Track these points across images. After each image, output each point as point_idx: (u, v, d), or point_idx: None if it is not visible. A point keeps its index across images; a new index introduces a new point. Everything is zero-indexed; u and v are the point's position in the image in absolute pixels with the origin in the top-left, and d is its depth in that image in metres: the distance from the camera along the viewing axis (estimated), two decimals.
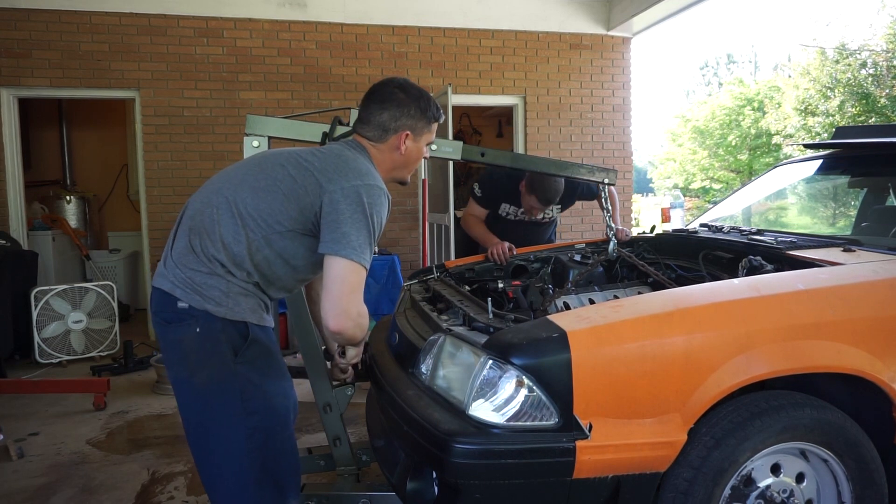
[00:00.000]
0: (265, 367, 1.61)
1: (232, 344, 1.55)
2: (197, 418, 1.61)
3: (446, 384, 1.75)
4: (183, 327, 1.54)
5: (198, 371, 1.56)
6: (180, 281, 1.55)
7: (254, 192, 1.58)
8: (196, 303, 1.53)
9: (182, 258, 1.57)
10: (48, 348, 4.72)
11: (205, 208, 1.60)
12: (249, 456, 1.58)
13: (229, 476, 1.60)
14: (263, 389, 1.59)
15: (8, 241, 4.95)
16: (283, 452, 1.66)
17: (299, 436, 3.26)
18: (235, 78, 5.61)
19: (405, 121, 1.71)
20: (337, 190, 1.55)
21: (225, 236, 1.55)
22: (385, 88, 1.74)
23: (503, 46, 6.19)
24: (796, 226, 11.56)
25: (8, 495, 2.68)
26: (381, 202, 1.59)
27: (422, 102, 1.74)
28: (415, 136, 1.75)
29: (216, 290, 1.54)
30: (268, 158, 1.68)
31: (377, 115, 1.71)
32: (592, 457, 1.52)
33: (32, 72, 5.26)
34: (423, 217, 5.56)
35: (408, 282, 2.75)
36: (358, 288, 1.54)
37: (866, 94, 13.37)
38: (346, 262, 1.52)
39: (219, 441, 1.58)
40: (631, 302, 1.85)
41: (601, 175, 2.55)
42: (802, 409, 1.68)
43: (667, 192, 23.70)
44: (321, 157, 1.64)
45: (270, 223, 1.56)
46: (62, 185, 7.15)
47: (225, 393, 1.56)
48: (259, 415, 1.58)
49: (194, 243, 1.57)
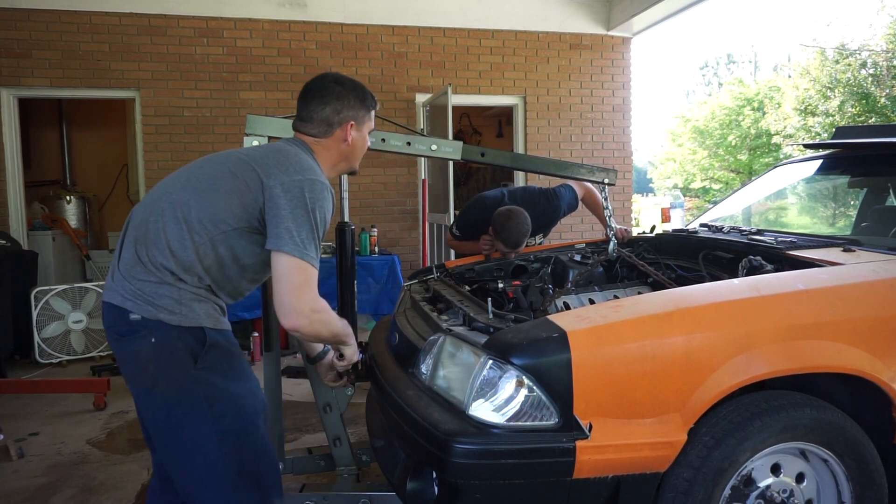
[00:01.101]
0: (227, 370, 1.58)
1: (190, 351, 1.52)
2: (165, 429, 1.57)
3: (446, 384, 1.75)
4: (137, 339, 1.51)
5: (158, 381, 1.53)
6: (130, 293, 1.52)
7: (196, 194, 1.56)
8: (148, 313, 1.50)
9: (130, 270, 1.54)
10: (48, 348, 4.72)
11: (149, 217, 1.57)
12: (224, 461, 1.55)
13: (207, 484, 1.57)
14: (229, 392, 1.56)
15: (8, 241, 4.95)
16: (258, 453, 1.62)
17: (299, 436, 3.26)
18: (235, 78, 5.61)
19: (347, 112, 1.73)
20: (277, 185, 1.54)
21: (171, 243, 1.53)
22: (322, 83, 1.75)
23: (503, 46, 6.19)
24: (796, 226, 11.56)
25: (8, 495, 2.68)
26: (323, 197, 1.58)
27: (359, 92, 1.77)
28: (358, 125, 1.77)
29: (168, 298, 1.51)
30: (210, 160, 1.67)
31: (319, 110, 1.72)
32: (592, 457, 1.52)
33: (32, 72, 5.26)
34: (423, 217, 5.56)
35: (408, 282, 2.75)
36: (304, 284, 1.53)
37: (866, 94, 13.37)
38: (289, 259, 1.51)
39: (190, 450, 1.55)
40: (631, 302, 1.86)
41: (601, 175, 2.55)
42: (802, 409, 1.68)
43: (667, 192, 23.71)
44: (262, 152, 1.65)
45: (216, 223, 1.54)
46: (62, 185, 7.15)
47: (189, 400, 1.53)
48: (228, 418, 1.55)
49: (141, 253, 1.54)
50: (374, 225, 5.62)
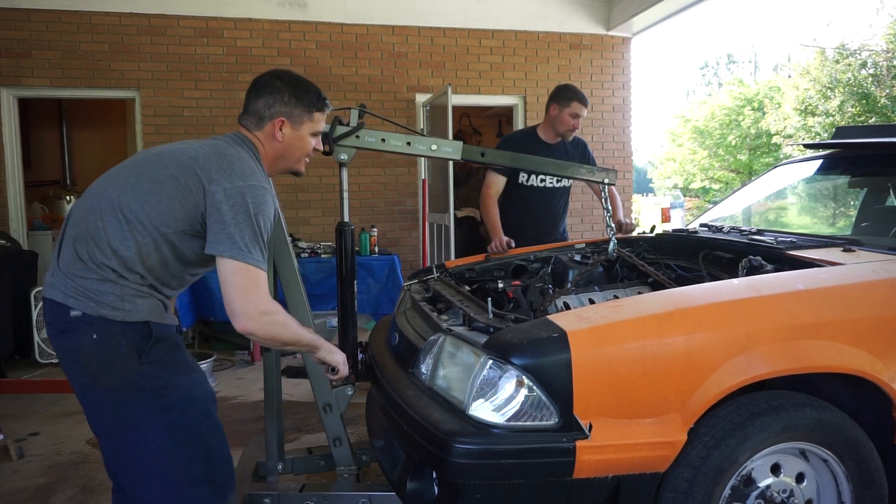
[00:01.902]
0: (172, 363, 1.58)
1: (135, 346, 1.51)
2: (110, 425, 1.56)
3: (446, 384, 1.75)
4: (78, 335, 1.50)
5: (101, 377, 1.52)
6: (71, 290, 1.51)
7: (137, 195, 1.54)
8: (90, 309, 1.49)
9: (70, 267, 1.53)
10: (48, 348, 4.72)
11: (88, 215, 1.55)
12: (176, 453, 1.54)
13: (159, 477, 1.54)
14: (176, 384, 1.56)
15: (8, 241, 4.94)
16: (210, 446, 1.60)
17: (299, 436, 3.26)
18: (235, 78, 5.61)
19: (279, 107, 1.69)
20: (219, 191, 1.53)
21: (112, 242, 1.51)
22: (263, 78, 1.73)
23: (503, 46, 6.19)
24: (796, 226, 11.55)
25: (8, 495, 2.68)
26: (264, 201, 1.57)
27: (298, 89, 1.71)
28: (292, 123, 1.72)
29: (111, 295, 1.50)
30: (150, 158, 1.63)
31: (254, 103, 1.71)
32: (592, 457, 1.52)
33: (32, 72, 5.26)
34: (423, 217, 5.56)
35: (408, 282, 2.75)
36: (250, 287, 1.51)
37: (866, 94, 13.37)
38: (233, 263, 1.50)
39: (140, 444, 1.53)
40: (631, 302, 1.86)
41: (601, 175, 2.55)
42: (802, 409, 1.68)
43: (667, 192, 23.71)
44: (204, 154, 1.60)
45: (157, 226, 1.53)
46: (62, 185, 7.16)
47: (136, 393, 1.51)
48: (177, 409, 1.54)
49: (80, 251, 1.53)
50: (374, 225, 5.62)
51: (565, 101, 3.38)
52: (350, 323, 2.17)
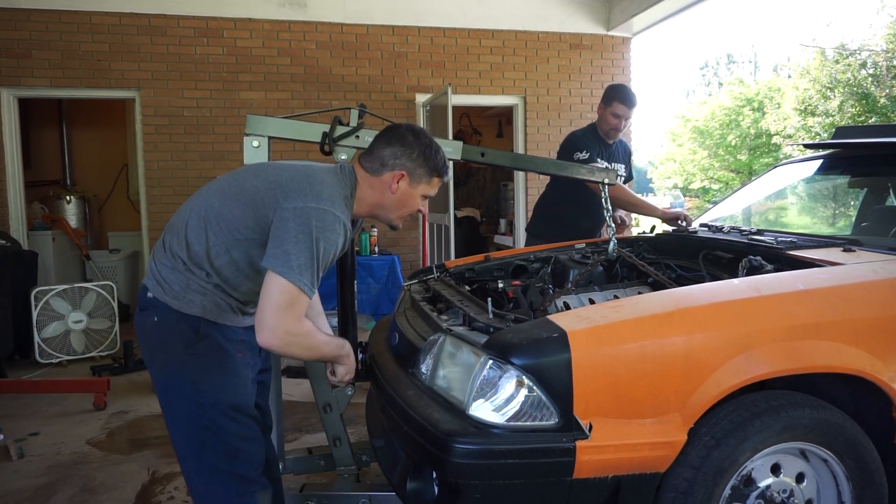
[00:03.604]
0: (213, 363, 1.65)
1: (183, 336, 1.62)
2: (161, 398, 1.70)
3: (446, 384, 1.75)
4: (146, 315, 1.66)
5: (155, 357, 1.66)
6: (153, 274, 1.67)
7: (222, 198, 1.65)
8: (159, 294, 1.63)
9: (157, 254, 1.69)
10: (48, 348, 4.72)
11: (182, 211, 1.70)
12: (200, 440, 1.64)
13: (192, 460, 1.68)
14: (210, 382, 1.64)
15: (8, 241, 4.95)
16: (234, 444, 1.67)
17: (299, 436, 3.26)
18: (235, 78, 5.61)
19: (404, 161, 1.72)
20: (289, 208, 1.56)
21: (189, 236, 1.63)
22: (398, 129, 1.76)
23: (503, 46, 6.19)
24: (796, 226, 11.55)
25: (8, 495, 2.68)
26: (332, 229, 1.57)
27: (429, 151, 1.75)
28: (411, 180, 1.74)
29: (177, 284, 1.62)
30: (249, 169, 1.74)
31: (381, 149, 1.74)
32: (592, 457, 1.52)
33: (32, 72, 5.26)
34: (423, 217, 5.56)
35: (408, 282, 2.75)
36: (289, 308, 1.53)
37: (866, 94, 13.36)
38: (281, 281, 1.52)
39: (179, 425, 1.67)
40: (631, 302, 1.85)
41: (601, 175, 2.55)
42: (802, 409, 1.68)
43: (667, 192, 23.71)
44: (291, 174, 1.64)
45: (231, 230, 1.61)
46: (62, 185, 7.15)
47: (178, 380, 1.63)
48: (208, 405, 1.63)
49: (167, 241, 1.68)
50: (374, 225, 5.63)
51: (608, 99, 3.32)
52: (350, 323, 2.17)
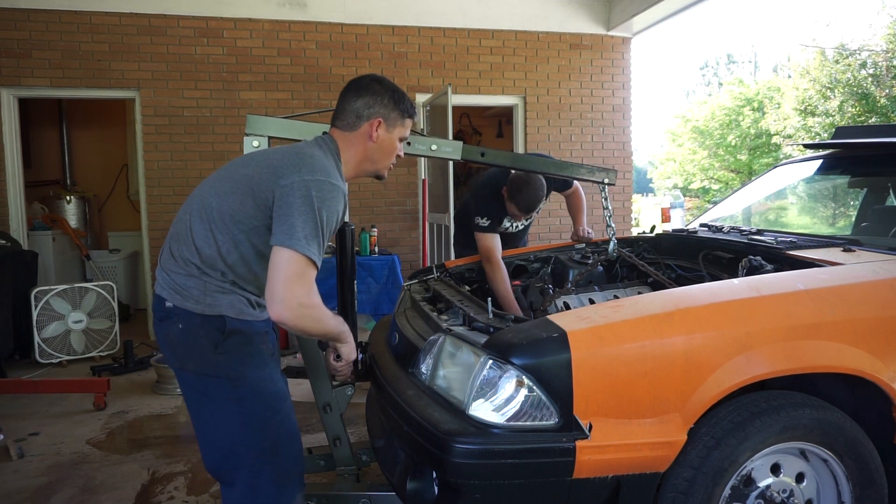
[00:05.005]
0: (245, 356, 1.66)
1: (210, 338, 1.62)
2: (192, 406, 1.70)
3: (446, 384, 1.75)
4: (168, 324, 1.66)
5: (186, 362, 1.66)
6: (168, 284, 1.67)
7: (219, 196, 1.65)
8: (178, 302, 1.64)
9: (166, 264, 1.70)
10: (48, 348, 4.72)
11: (182, 216, 1.71)
12: (246, 441, 1.64)
13: (229, 461, 1.66)
14: (245, 375, 1.65)
15: (8, 241, 4.95)
16: (279, 440, 1.68)
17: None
18: (235, 78, 5.61)
19: (378, 108, 1.76)
20: (287, 184, 1.58)
21: (197, 240, 1.64)
22: (362, 80, 1.80)
23: (503, 46, 6.19)
24: (796, 226, 11.55)
25: (8, 495, 2.68)
26: (332, 197, 1.60)
27: (397, 95, 1.79)
28: (387, 125, 1.78)
29: (195, 289, 1.63)
30: (237, 161, 1.75)
31: (352, 103, 1.76)
32: (592, 457, 1.52)
33: (32, 72, 5.26)
34: (423, 217, 5.56)
35: (408, 282, 2.75)
36: (299, 278, 1.54)
37: (866, 94, 13.36)
38: (289, 252, 1.53)
39: (216, 426, 1.67)
40: (631, 302, 1.85)
41: (601, 175, 2.55)
42: (802, 409, 1.68)
43: (667, 192, 23.69)
44: (280, 155, 1.68)
45: (236, 222, 1.62)
46: (62, 185, 7.15)
47: (213, 379, 1.64)
48: (247, 401, 1.64)
49: (174, 249, 1.68)
50: (374, 225, 5.62)
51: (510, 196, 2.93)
52: (350, 323, 2.17)
